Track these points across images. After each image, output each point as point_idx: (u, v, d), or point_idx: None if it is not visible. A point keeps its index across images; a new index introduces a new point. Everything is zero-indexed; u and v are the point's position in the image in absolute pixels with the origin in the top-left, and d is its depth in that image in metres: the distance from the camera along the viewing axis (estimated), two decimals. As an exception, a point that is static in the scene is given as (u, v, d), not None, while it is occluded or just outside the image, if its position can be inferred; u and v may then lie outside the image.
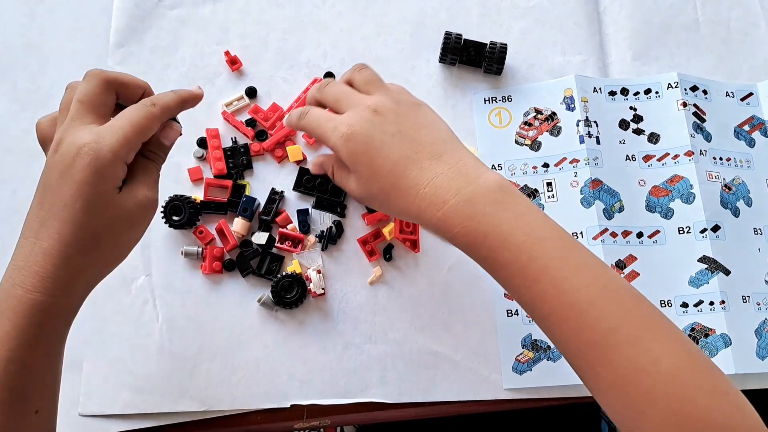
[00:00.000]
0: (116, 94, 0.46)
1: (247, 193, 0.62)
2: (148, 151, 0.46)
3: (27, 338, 0.41)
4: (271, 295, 0.60)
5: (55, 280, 0.41)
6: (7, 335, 0.41)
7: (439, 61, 0.68)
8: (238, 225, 0.61)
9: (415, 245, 0.62)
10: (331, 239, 0.61)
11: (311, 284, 0.60)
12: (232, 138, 0.64)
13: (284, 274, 0.60)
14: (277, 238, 0.62)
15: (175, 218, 0.60)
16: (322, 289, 0.60)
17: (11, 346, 0.41)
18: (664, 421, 0.39)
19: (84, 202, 0.41)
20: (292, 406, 0.59)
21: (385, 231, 0.62)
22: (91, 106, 0.44)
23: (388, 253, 0.62)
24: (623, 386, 0.40)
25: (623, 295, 0.42)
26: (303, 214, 0.62)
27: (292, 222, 0.62)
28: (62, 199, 0.41)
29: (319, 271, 0.60)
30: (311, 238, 0.62)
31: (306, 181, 0.63)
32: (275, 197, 0.62)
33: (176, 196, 0.61)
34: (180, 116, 0.65)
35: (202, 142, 0.65)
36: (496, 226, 0.43)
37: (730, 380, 0.40)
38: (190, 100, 0.49)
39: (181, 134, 0.49)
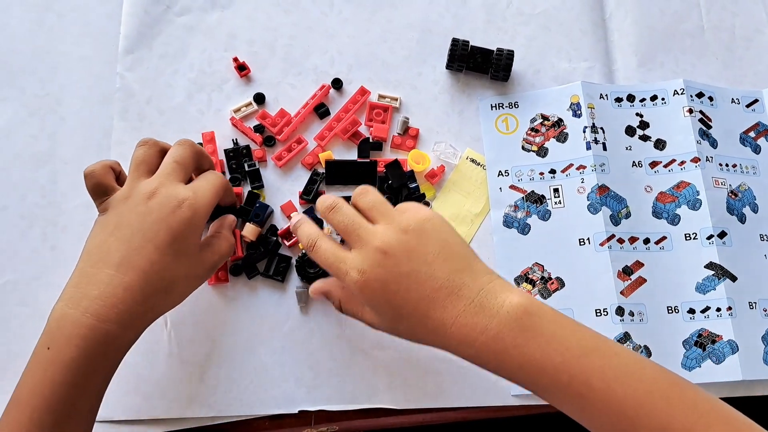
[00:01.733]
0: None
1: (261, 199, 0.63)
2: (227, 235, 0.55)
3: (92, 366, 0.43)
4: (302, 287, 0.61)
5: (130, 315, 0.44)
6: (74, 362, 0.42)
7: (446, 68, 0.69)
8: (248, 230, 0.61)
9: None
10: None
11: None
12: (233, 140, 0.65)
13: None
14: (282, 238, 0.62)
15: None
16: None
17: (77, 373, 0.42)
18: None
19: (176, 250, 0.46)
20: (299, 411, 0.59)
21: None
22: (183, 167, 0.50)
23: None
24: None
25: (668, 389, 0.42)
26: (309, 214, 0.62)
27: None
28: (155, 242, 0.45)
29: None
30: (327, 228, 0.62)
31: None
32: (316, 178, 0.63)
33: None
34: (188, 121, 0.66)
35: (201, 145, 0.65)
36: (530, 356, 0.43)
37: None
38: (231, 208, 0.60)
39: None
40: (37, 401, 0.42)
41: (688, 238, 0.63)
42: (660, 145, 0.66)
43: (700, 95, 0.68)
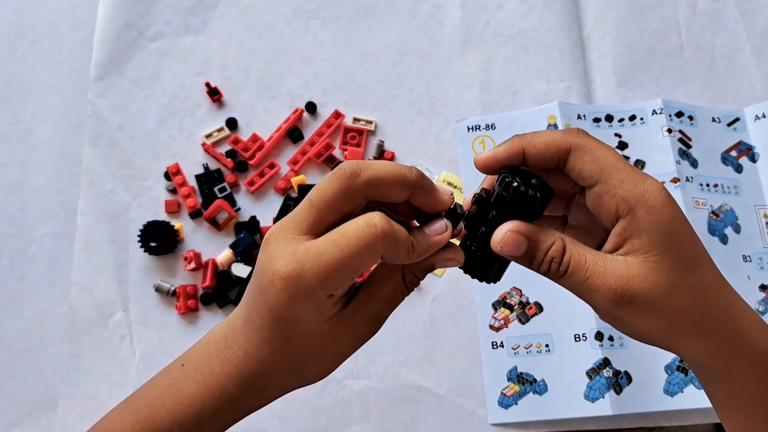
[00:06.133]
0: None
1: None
2: (407, 273, 0.36)
3: (202, 412, 0.37)
4: None
5: (251, 385, 0.36)
6: (188, 398, 0.37)
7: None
8: (224, 257, 0.60)
9: None
10: None
11: None
12: (203, 164, 0.64)
13: None
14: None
15: (152, 243, 0.60)
16: None
17: (186, 409, 0.37)
18: None
19: (282, 334, 0.35)
20: (271, 443, 0.57)
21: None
22: (318, 212, 0.33)
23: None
24: None
25: None
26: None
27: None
28: (261, 317, 0.35)
29: None
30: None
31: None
32: (290, 203, 0.63)
33: (154, 221, 0.61)
34: (160, 147, 0.66)
35: (168, 175, 0.64)
36: None
37: None
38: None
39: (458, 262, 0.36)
40: (143, 411, 0.38)
41: (668, 261, 0.62)
42: (639, 165, 0.65)
43: (679, 114, 0.67)
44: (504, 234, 0.34)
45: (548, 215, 0.37)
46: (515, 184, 0.33)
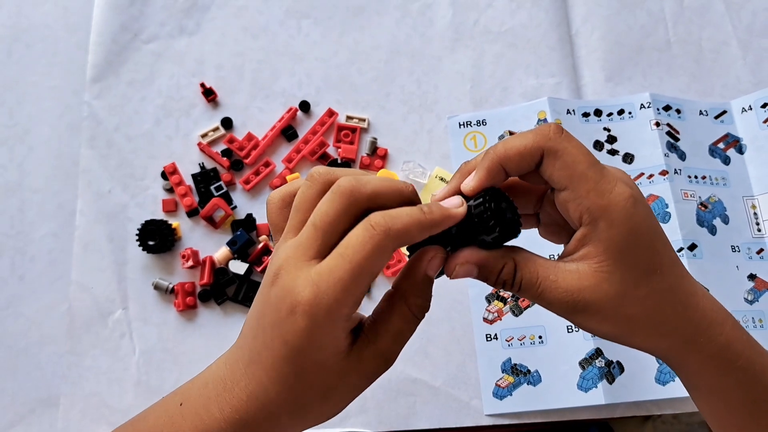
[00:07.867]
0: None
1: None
2: (409, 297, 0.34)
3: None
4: None
5: (252, 430, 0.35)
6: None
7: None
8: (221, 254, 0.61)
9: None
10: None
11: None
12: (200, 164, 0.65)
13: None
14: (259, 267, 0.62)
15: (150, 242, 0.61)
16: None
17: None
18: None
19: (294, 369, 0.33)
20: (270, 437, 0.58)
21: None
22: (325, 235, 0.33)
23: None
24: None
25: None
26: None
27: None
28: (273, 353, 0.34)
29: None
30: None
31: None
32: None
33: (151, 220, 0.61)
34: (156, 147, 0.67)
35: (165, 174, 0.65)
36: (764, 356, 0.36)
37: None
38: (443, 222, 0.33)
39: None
40: None
41: (658, 252, 0.63)
42: (628, 158, 0.66)
43: (667, 108, 0.68)
44: (454, 267, 0.34)
45: (521, 213, 0.37)
46: (487, 215, 0.33)
